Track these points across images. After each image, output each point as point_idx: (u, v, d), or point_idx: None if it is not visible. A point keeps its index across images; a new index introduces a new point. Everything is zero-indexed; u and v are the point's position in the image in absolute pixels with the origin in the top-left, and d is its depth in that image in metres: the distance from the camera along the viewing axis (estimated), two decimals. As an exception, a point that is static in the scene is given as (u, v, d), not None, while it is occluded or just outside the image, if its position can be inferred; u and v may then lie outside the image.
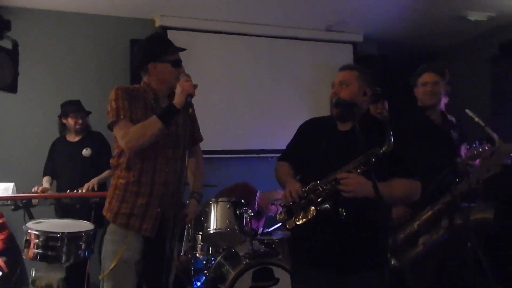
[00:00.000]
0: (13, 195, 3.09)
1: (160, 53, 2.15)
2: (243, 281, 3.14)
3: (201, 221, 3.36)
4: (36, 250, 2.57)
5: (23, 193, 3.24)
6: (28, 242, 2.58)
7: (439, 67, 2.96)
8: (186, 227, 3.50)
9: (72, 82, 4.31)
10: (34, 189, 3.35)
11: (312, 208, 1.93)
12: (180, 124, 2.19)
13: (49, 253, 2.59)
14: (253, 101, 4.86)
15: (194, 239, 3.59)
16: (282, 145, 2.32)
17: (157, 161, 2.11)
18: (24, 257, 2.62)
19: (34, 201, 3.14)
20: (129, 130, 2.04)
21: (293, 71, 4.97)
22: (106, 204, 2.18)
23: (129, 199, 2.09)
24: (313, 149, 2.09)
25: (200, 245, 3.61)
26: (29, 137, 4.17)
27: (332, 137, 2.08)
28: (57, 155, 3.74)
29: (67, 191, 3.34)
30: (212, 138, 4.31)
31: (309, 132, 2.20)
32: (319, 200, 1.93)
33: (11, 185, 3.15)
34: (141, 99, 2.15)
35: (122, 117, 2.06)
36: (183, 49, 2.24)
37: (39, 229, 2.61)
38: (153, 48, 2.19)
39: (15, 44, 2.11)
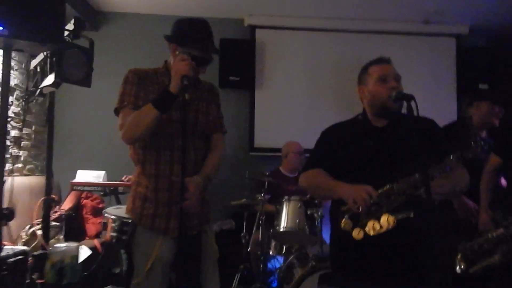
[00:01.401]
0: (101, 182, 3.37)
1: (186, 40, 1.93)
2: (309, 283, 3.05)
3: (273, 219, 3.37)
4: (112, 234, 2.77)
5: (114, 180, 3.52)
6: (105, 225, 2.80)
7: None
8: (257, 223, 3.48)
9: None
10: (124, 177, 3.63)
11: (389, 216, 1.69)
12: (198, 111, 2.02)
13: (123, 237, 2.77)
14: (338, 100, 4.68)
15: (268, 236, 3.58)
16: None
17: (173, 153, 1.93)
18: (102, 238, 2.85)
19: (120, 189, 3.40)
20: (127, 120, 1.86)
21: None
22: (129, 204, 2.05)
23: (151, 197, 1.95)
24: (358, 151, 1.89)
25: (273, 243, 3.60)
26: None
27: (373, 135, 1.90)
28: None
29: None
30: (295, 137, 4.29)
31: (341, 136, 1.98)
32: (392, 207, 1.71)
33: (102, 173, 3.46)
34: (155, 83, 1.97)
35: (125, 103, 1.91)
36: (207, 55, 1.98)
37: (115, 214, 2.81)
38: (182, 31, 1.97)
39: (91, 43, 2.30)
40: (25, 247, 2.66)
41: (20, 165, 3.79)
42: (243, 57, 4.57)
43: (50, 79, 2.30)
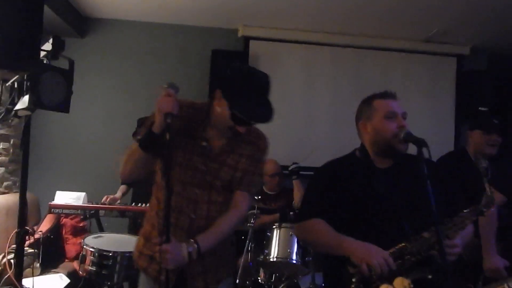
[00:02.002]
0: (79, 204, 3.16)
1: (233, 93, 1.69)
2: (300, 319, 2.88)
3: (263, 246, 3.21)
4: (90, 268, 2.57)
5: (94, 203, 3.30)
6: (84, 257, 2.59)
7: None
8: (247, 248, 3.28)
9: (146, 96, 4.21)
10: (104, 198, 3.41)
11: (403, 280, 1.53)
12: (223, 163, 1.82)
13: (103, 272, 2.57)
14: (335, 115, 4.53)
15: (256, 264, 3.40)
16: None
17: (185, 206, 1.79)
18: (80, 272, 2.64)
19: (101, 212, 3.19)
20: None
21: (380, 85, 4.50)
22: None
23: (150, 238, 1.82)
24: (360, 198, 1.72)
25: (263, 271, 3.42)
26: (103, 147, 4.27)
27: (381, 179, 1.73)
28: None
29: (140, 202, 3.33)
30: (290, 152, 4.12)
31: (339, 177, 1.79)
32: (405, 269, 1.57)
33: (82, 194, 3.24)
34: (186, 118, 1.79)
35: (135, 136, 1.76)
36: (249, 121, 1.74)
37: (94, 245, 2.61)
38: (234, 81, 1.71)
39: (71, 64, 2.09)
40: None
41: (-5, 183, 3.55)
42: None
43: (24, 102, 2.09)
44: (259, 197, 3.50)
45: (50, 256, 3.47)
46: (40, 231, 3.47)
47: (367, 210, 1.70)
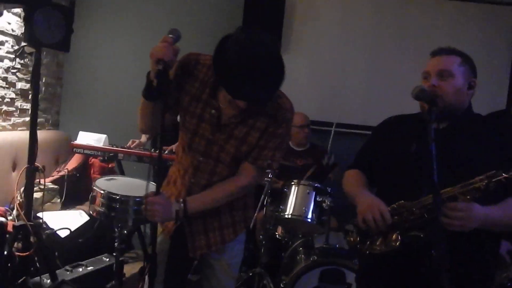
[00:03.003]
0: (99, 146, 3.20)
1: (220, 71, 1.55)
2: (309, 278, 2.81)
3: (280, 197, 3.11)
4: (99, 209, 2.60)
5: (116, 146, 3.34)
6: (93, 198, 2.62)
7: None
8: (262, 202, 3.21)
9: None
10: (129, 143, 3.44)
11: (395, 235, 1.53)
12: (232, 136, 1.72)
13: (112, 214, 2.59)
14: (375, 71, 4.21)
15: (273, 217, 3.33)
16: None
17: (188, 168, 1.81)
18: (91, 212, 2.69)
19: (120, 155, 3.21)
20: None
21: (426, 38, 4.06)
22: None
23: (165, 189, 1.89)
24: (398, 154, 1.66)
25: (281, 226, 3.36)
26: (128, 91, 4.26)
27: (425, 139, 1.56)
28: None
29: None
30: (324, 109, 3.92)
31: (393, 132, 1.76)
32: (405, 226, 1.53)
33: (103, 136, 3.28)
34: (197, 78, 1.71)
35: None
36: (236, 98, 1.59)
37: (104, 187, 2.63)
38: (222, 59, 1.53)
39: (72, 2, 2.00)
40: (2, 219, 2.55)
41: (27, 118, 3.66)
42: (271, 16, 4.11)
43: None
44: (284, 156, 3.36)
45: (76, 194, 3.61)
46: (66, 169, 3.60)
47: (401, 171, 1.65)
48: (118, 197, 2.56)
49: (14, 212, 2.70)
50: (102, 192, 2.59)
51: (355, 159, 1.89)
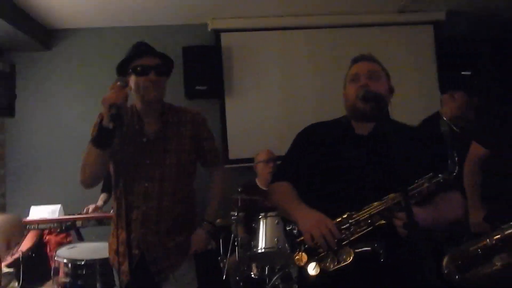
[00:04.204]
0: (54, 217, 3.06)
1: (126, 61, 1.85)
2: (294, 308, 2.74)
3: (250, 239, 3.08)
4: (64, 280, 2.45)
5: (71, 214, 3.21)
6: (56, 270, 2.48)
7: None
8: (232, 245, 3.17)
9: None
10: (85, 209, 3.32)
11: (347, 250, 1.45)
12: (165, 149, 1.86)
13: (79, 282, 2.45)
14: (316, 100, 4.39)
15: (248, 258, 3.26)
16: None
17: (132, 196, 1.80)
18: (55, 286, 2.52)
19: (78, 223, 3.08)
20: None
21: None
22: None
23: (114, 234, 1.86)
24: (327, 162, 1.62)
25: (254, 264, 3.28)
26: (77, 156, 4.18)
27: (350, 144, 1.62)
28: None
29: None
30: (271, 143, 3.97)
31: (315, 141, 1.71)
32: (354, 239, 1.46)
33: (57, 207, 3.15)
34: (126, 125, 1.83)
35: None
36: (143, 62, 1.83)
37: (67, 256, 2.49)
38: (123, 59, 1.87)
39: (12, 66, 1.98)
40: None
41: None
42: (209, 64, 4.25)
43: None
44: (249, 194, 3.36)
45: (34, 275, 3.36)
46: (21, 251, 3.37)
47: (333, 177, 1.60)
48: (83, 263, 2.44)
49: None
50: (65, 261, 2.46)
51: (280, 171, 1.81)
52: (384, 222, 1.45)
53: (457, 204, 1.59)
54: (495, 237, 1.99)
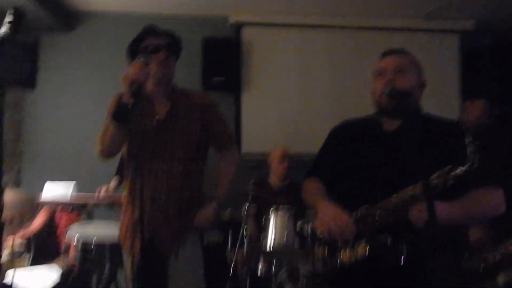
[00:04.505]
0: (67, 196, 3.08)
1: (135, 41, 1.97)
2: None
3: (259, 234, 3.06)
4: (74, 258, 2.47)
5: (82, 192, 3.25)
6: (67, 247, 2.50)
7: None
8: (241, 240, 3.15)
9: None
10: (99, 188, 3.35)
11: (363, 243, 1.48)
12: (175, 130, 1.90)
13: (88, 262, 2.47)
14: (334, 101, 4.35)
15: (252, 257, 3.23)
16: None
17: (143, 176, 1.82)
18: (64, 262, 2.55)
19: (89, 204, 3.11)
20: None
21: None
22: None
23: (125, 214, 1.91)
24: (353, 158, 1.65)
25: (261, 261, 3.26)
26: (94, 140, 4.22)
27: (377, 141, 1.62)
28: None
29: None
30: (287, 141, 3.96)
31: (345, 138, 1.75)
32: (371, 232, 1.49)
33: (71, 184, 3.17)
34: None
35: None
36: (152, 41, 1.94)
37: (78, 235, 2.51)
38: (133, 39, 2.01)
39: (36, 39, 2.00)
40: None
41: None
42: (228, 57, 4.25)
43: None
44: (260, 190, 3.33)
45: (44, 251, 3.40)
46: (33, 226, 3.41)
47: (356, 174, 1.62)
48: (93, 243, 2.47)
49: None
50: (75, 240, 2.49)
51: (313, 167, 1.85)
52: (402, 215, 1.45)
53: (493, 200, 1.54)
54: (499, 253, 1.97)
